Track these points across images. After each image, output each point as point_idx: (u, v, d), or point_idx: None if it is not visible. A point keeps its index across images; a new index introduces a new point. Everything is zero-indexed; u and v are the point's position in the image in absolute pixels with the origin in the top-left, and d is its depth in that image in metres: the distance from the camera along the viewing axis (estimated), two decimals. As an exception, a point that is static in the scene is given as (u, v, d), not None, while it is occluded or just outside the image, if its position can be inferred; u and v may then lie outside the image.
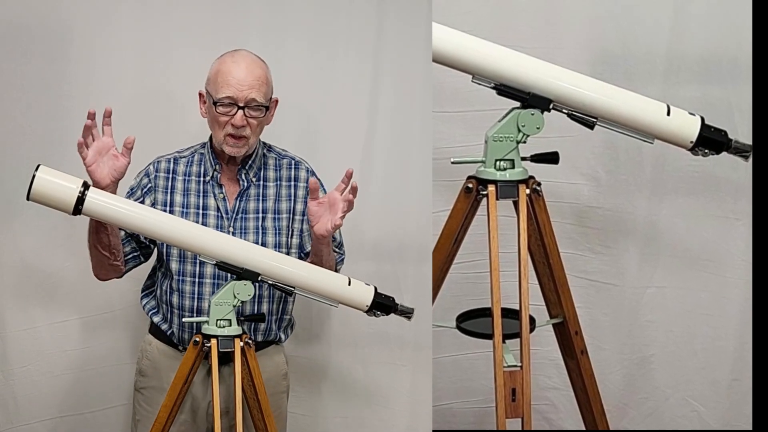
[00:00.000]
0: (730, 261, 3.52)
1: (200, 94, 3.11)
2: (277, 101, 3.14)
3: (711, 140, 2.71)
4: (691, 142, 2.70)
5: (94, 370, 3.74)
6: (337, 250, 3.24)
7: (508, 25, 3.39)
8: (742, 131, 3.22)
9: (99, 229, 2.94)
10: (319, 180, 3.20)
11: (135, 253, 3.16)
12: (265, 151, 3.21)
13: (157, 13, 3.60)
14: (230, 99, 2.98)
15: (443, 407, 3.73)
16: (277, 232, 3.15)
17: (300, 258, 3.15)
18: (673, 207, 3.53)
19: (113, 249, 3.03)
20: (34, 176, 2.64)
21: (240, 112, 2.99)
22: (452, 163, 2.73)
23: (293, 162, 3.22)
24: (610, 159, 3.51)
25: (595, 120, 2.69)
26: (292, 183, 3.19)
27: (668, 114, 2.69)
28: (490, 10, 3.40)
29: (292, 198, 3.18)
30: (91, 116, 2.77)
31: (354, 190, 2.88)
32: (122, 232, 3.07)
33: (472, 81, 2.66)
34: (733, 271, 3.53)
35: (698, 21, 3.39)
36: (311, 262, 3.05)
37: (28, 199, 2.66)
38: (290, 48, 3.64)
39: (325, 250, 3.06)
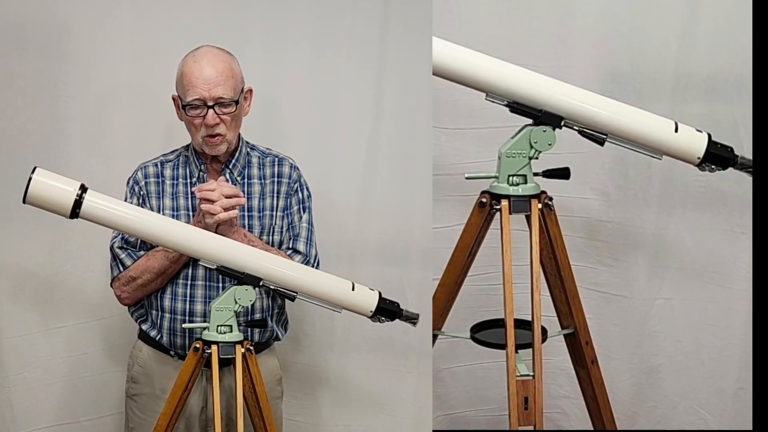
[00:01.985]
0: (736, 273, 3.51)
1: (173, 98, 3.02)
2: (251, 91, 3.07)
3: (717, 156, 2.70)
4: (699, 158, 2.70)
5: (91, 377, 3.65)
6: (301, 249, 3.09)
7: (521, 45, 3.39)
8: (747, 147, 3.21)
9: (180, 258, 2.94)
10: (300, 177, 3.13)
11: None
12: (248, 149, 3.11)
13: (157, 14, 3.51)
14: (198, 100, 2.90)
15: (458, 415, 3.72)
16: (262, 230, 3.05)
17: None
18: (681, 221, 3.52)
19: None
20: (30, 179, 2.55)
21: (210, 111, 2.90)
22: (466, 178, 2.72)
23: (277, 159, 3.13)
24: (620, 174, 3.51)
25: (605, 136, 2.68)
26: (276, 179, 3.09)
27: (676, 131, 2.69)
28: (504, 30, 3.40)
29: (275, 194, 3.09)
30: None
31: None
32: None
33: (486, 99, 2.66)
34: (739, 283, 3.51)
35: (705, 41, 3.39)
36: None
37: (24, 202, 2.58)
38: (292, 52, 3.57)
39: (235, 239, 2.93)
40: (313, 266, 3.09)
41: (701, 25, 3.38)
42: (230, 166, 3.05)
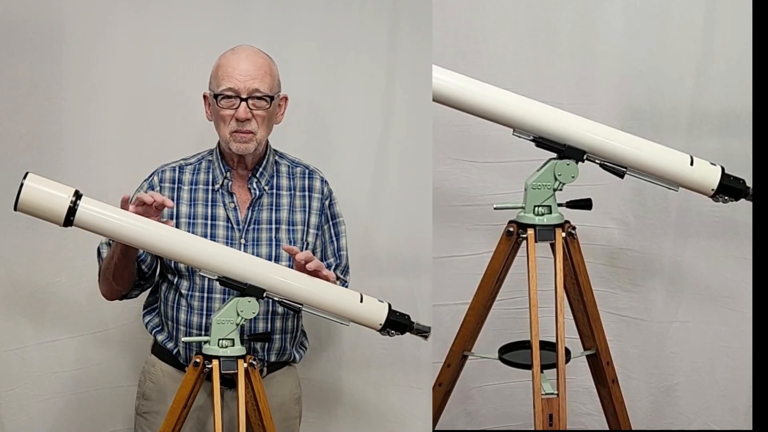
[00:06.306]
0: (748, 298, 3.47)
1: (204, 96, 2.79)
2: (286, 99, 2.84)
3: (730, 188, 2.72)
4: (713, 189, 2.71)
5: (86, 393, 3.32)
6: (340, 276, 2.89)
7: (547, 84, 3.38)
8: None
9: (127, 266, 2.67)
10: (330, 192, 2.91)
11: (138, 281, 2.81)
12: (276, 158, 2.88)
13: (156, 11, 3.24)
14: (232, 90, 2.66)
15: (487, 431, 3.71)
16: (292, 244, 2.77)
17: None
18: (696, 249, 3.51)
19: (129, 282, 2.76)
20: (21, 185, 2.32)
21: (243, 104, 2.66)
22: (495, 208, 2.73)
23: (307, 171, 2.90)
24: (639, 205, 3.50)
25: (625, 169, 2.69)
26: (306, 193, 2.86)
27: (691, 164, 2.70)
28: (531, 70, 3.40)
29: (307, 209, 2.86)
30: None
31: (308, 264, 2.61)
32: None
33: (513, 134, 2.68)
34: (750, 307, 3.47)
35: (718, 79, 3.39)
36: None
37: (15, 209, 2.35)
38: (296, 49, 3.29)
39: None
40: (345, 283, 2.92)
41: (715, 65, 3.38)
42: (257, 175, 2.82)
